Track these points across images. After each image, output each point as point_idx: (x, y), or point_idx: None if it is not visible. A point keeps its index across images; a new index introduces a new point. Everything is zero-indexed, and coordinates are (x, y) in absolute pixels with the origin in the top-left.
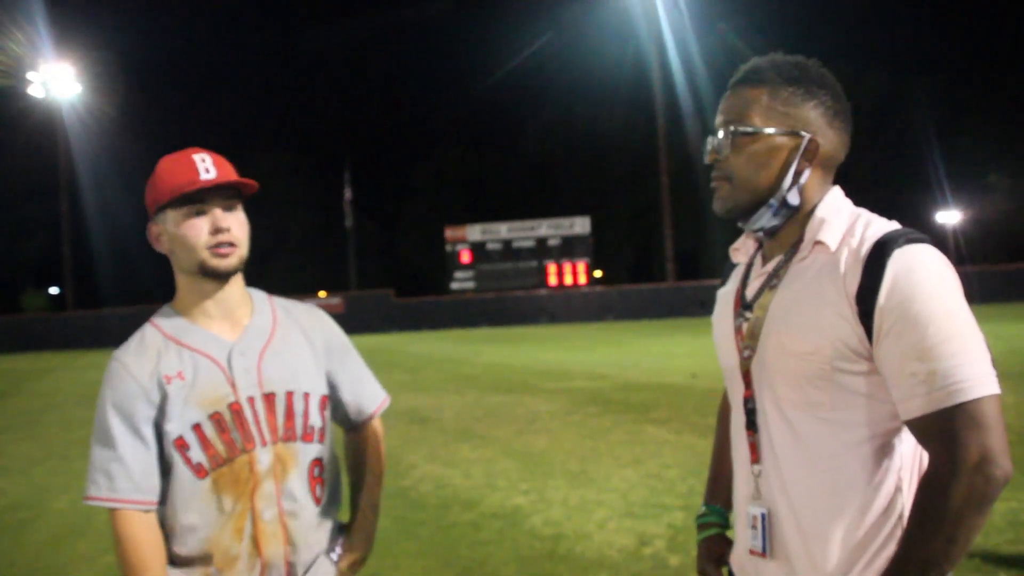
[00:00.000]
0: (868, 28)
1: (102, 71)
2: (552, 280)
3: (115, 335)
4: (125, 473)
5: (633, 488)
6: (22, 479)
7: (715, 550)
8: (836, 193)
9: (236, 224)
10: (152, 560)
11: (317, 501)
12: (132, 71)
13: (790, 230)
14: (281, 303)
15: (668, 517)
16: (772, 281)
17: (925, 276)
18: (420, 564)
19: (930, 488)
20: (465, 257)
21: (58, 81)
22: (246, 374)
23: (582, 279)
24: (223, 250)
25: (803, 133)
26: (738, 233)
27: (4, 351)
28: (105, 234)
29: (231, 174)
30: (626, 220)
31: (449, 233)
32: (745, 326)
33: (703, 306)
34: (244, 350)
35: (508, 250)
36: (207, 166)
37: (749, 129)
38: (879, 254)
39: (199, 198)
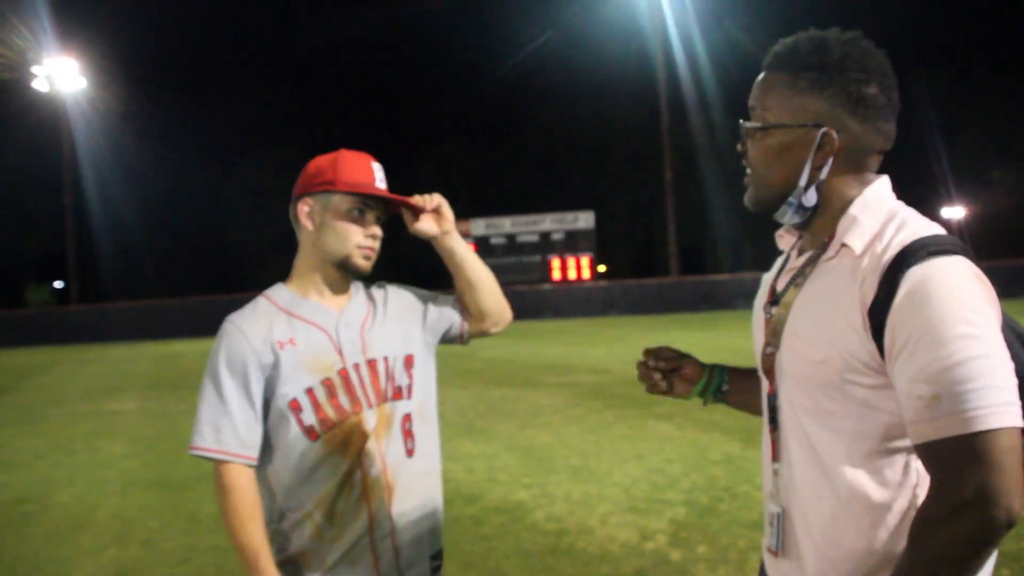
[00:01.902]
0: (871, 20)
1: (106, 65)
2: (556, 275)
3: (118, 330)
4: (232, 428)
5: (635, 483)
6: (25, 473)
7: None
8: (878, 188)
9: (380, 236)
10: (256, 510)
11: (410, 453)
12: (136, 65)
13: (824, 224)
14: (362, 285)
15: (670, 512)
16: (798, 278)
17: (943, 292)
18: None
19: (923, 522)
20: None
21: (62, 75)
22: (351, 343)
23: (586, 274)
24: (369, 252)
25: (816, 126)
26: (741, 227)
27: (7, 345)
28: (109, 229)
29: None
30: (630, 215)
31: None
32: (771, 321)
33: (706, 301)
34: (349, 322)
35: (512, 245)
36: (381, 176)
37: (758, 124)
38: (898, 265)
39: (367, 201)
